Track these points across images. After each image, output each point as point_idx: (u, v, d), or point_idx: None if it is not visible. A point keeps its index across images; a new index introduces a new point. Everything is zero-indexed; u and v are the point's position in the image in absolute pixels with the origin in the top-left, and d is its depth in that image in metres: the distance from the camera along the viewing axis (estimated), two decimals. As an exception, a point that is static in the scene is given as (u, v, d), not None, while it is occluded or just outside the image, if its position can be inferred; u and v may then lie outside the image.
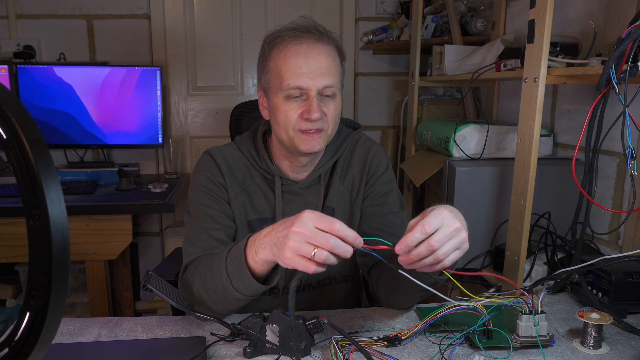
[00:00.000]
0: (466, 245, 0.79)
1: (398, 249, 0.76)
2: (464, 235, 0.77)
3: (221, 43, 2.57)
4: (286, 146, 1.06)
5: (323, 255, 0.75)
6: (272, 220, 1.11)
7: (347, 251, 0.76)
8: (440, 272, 0.86)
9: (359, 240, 0.76)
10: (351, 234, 0.76)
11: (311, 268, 0.76)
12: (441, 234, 0.75)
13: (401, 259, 0.77)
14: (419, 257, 0.76)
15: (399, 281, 0.96)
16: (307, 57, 0.99)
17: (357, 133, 1.19)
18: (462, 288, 0.83)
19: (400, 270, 0.81)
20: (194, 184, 1.12)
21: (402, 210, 1.15)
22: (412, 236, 0.74)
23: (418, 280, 0.82)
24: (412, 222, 0.77)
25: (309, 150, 1.02)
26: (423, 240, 0.75)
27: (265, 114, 1.10)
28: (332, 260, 0.76)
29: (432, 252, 0.75)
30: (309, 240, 0.75)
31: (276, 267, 0.88)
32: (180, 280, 1.04)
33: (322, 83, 0.99)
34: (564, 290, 1.13)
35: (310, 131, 1.01)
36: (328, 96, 1.02)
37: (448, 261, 0.77)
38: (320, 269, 0.77)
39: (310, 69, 0.98)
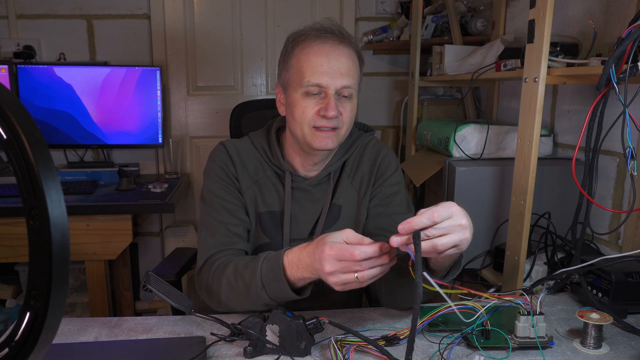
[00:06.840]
0: (465, 246, 0.79)
1: (401, 227, 0.76)
2: (467, 235, 0.78)
3: (221, 43, 2.57)
4: (300, 142, 1.08)
5: (366, 276, 0.80)
6: (280, 214, 1.12)
7: (383, 262, 0.80)
8: (446, 274, 0.88)
9: (386, 246, 0.80)
10: (370, 250, 0.79)
11: (365, 284, 0.81)
12: (446, 224, 0.76)
13: (395, 239, 0.78)
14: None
15: (401, 281, 0.97)
16: (329, 57, 1.01)
17: (369, 135, 1.21)
18: (445, 292, 0.82)
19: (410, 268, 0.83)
20: (209, 172, 1.14)
21: (409, 211, 1.15)
22: (419, 219, 0.75)
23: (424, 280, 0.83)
24: (422, 210, 0.78)
25: (322, 147, 1.04)
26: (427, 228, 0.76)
27: (281, 110, 1.12)
28: (375, 272, 0.80)
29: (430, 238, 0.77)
30: (345, 269, 0.80)
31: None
32: (198, 274, 1.05)
33: (340, 83, 1.01)
34: (564, 290, 1.13)
35: (325, 129, 1.03)
36: (345, 97, 1.04)
37: (442, 257, 0.81)
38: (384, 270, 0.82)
39: (331, 68, 1.01)
